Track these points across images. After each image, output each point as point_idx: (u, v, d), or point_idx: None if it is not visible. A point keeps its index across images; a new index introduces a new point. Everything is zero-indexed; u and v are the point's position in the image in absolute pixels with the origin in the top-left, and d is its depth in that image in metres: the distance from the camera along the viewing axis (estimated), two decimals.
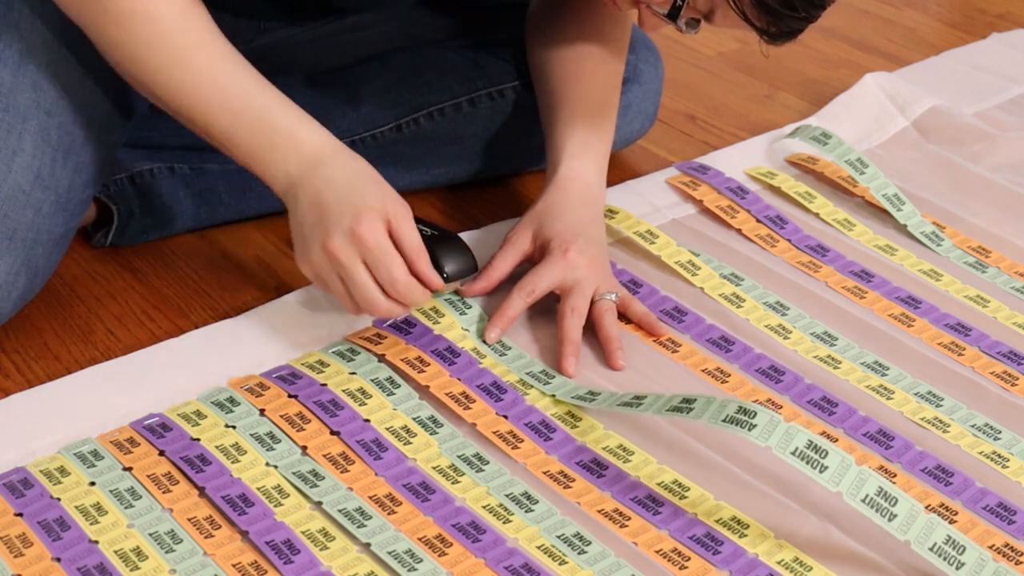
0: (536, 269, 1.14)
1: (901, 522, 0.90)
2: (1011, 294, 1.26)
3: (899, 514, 0.90)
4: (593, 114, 1.24)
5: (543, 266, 1.14)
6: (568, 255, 1.13)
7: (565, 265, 1.13)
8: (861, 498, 0.90)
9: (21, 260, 1.07)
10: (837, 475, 0.90)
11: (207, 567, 0.88)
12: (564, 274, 1.13)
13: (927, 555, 0.90)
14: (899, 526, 0.90)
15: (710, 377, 1.11)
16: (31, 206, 1.07)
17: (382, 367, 1.07)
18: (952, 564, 0.90)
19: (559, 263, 1.13)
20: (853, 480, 0.90)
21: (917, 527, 0.90)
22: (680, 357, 1.13)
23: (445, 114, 1.35)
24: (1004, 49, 1.78)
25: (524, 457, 1.01)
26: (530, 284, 1.13)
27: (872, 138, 1.51)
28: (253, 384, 1.04)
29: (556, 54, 1.27)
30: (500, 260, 1.17)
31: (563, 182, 1.20)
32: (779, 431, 0.92)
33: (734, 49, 1.78)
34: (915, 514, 0.90)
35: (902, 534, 0.90)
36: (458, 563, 0.90)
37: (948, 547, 0.90)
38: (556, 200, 1.18)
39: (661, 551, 0.93)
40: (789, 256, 1.29)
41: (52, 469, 0.95)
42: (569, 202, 1.18)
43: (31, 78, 1.08)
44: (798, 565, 0.93)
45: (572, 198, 1.19)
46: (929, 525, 0.90)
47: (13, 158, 1.06)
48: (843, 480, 0.90)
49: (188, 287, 1.21)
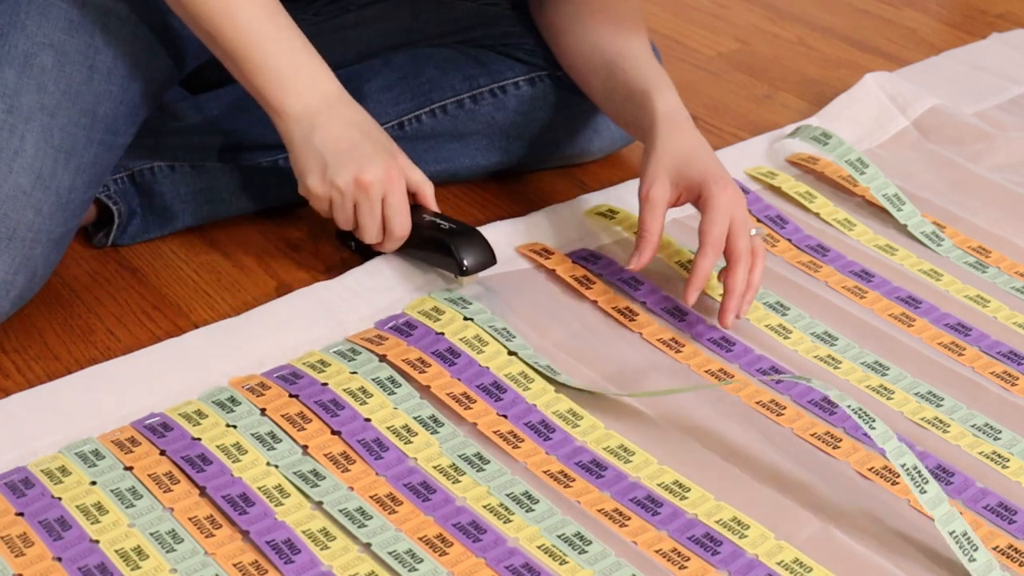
0: (711, 216, 1.12)
1: (930, 499, 0.93)
2: (1011, 294, 1.26)
3: (929, 493, 0.93)
4: (654, 60, 1.25)
5: (714, 210, 1.12)
6: (729, 191, 1.12)
7: (731, 202, 1.12)
8: (900, 464, 0.93)
9: (20, 260, 1.07)
10: (884, 437, 0.94)
11: (208, 567, 0.88)
12: (734, 212, 1.12)
13: (948, 538, 0.92)
14: (929, 500, 0.93)
15: (712, 378, 1.11)
16: (31, 206, 1.07)
17: (383, 367, 1.07)
18: (966, 555, 0.92)
19: (725, 203, 1.12)
20: (895, 448, 0.94)
21: (942, 510, 0.92)
22: (684, 357, 1.13)
23: (448, 111, 1.35)
24: (1004, 49, 1.78)
25: (525, 456, 1.01)
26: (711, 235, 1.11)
27: (872, 138, 1.51)
28: (254, 384, 1.04)
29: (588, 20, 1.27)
30: (651, 220, 1.14)
31: (671, 117, 1.17)
32: (833, 388, 0.96)
33: (734, 49, 1.78)
34: (942, 499, 0.93)
35: (931, 508, 0.92)
36: (459, 563, 0.90)
37: (964, 540, 0.92)
38: (678, 140, 1.16)
39: (661, 551, 0.93)
40: (789, 256, 1.29)
41: (53, 468, 0.95)
42: (689, 137, 1.17)
43: (36, 79, 1.08)
44: (798, 566, 0.93)
45: (687, 132, 1.17)
46: (952, 514, 0.92)
47: (15, 158, 1.06)
48: (887, 443, 0.94)
49: (188, 287, 1.21)
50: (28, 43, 1.08)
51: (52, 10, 1.09)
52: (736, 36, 1.82)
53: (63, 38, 1.09)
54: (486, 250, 1.15)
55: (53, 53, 1.08)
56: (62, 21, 1.09)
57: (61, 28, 1.09)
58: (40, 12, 1.08)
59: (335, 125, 1.12)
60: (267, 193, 1.30)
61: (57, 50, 1.09)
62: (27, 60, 1.07)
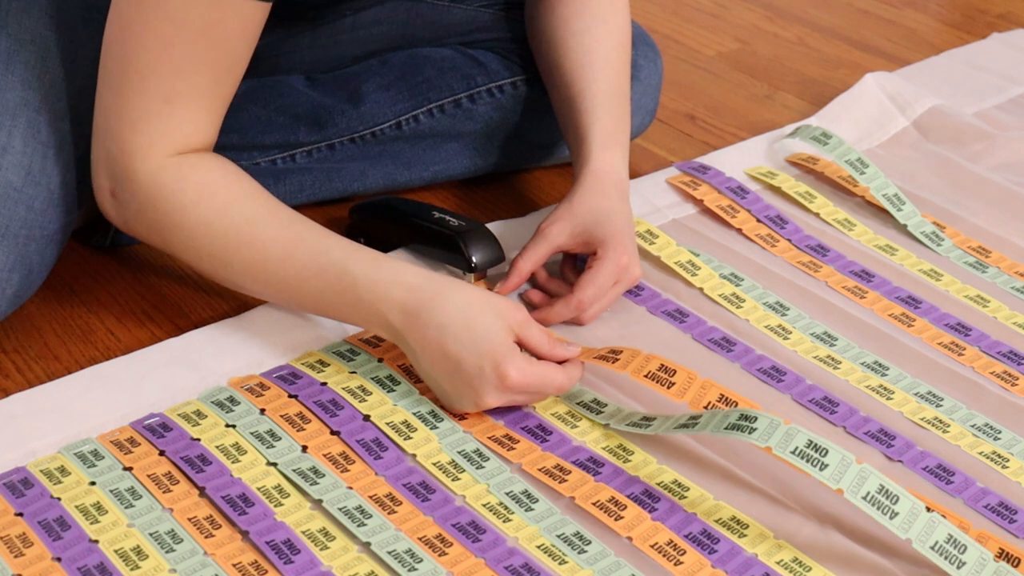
0: (594, 271, 1.13)
1: (902, 520, 0.90)
2: (1011, 294, 1.26)
3: (901, 512, 0.90)
4: (614, 104, 1.24)
5: (599, 269, 1.13)
6: (623, 259, 1.13)
7: (620, 270, 1.14)
8: (863, 495, 0.90)
9: (14, 257, 1.07)
10: (838, 472, 0.90)
11: (207, 567, 0.88)
12: (619, 278, 1.14)
13: (928, 553, 0.90)
14: (900, 524, 0.90)
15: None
16: (23, 202, 1.07)
17: (382, 366, 1.07)
18: (953, 563, 0.90)
19: (613, 268, 1.13)
20: (854, 477, 0.90)
21: (919, 525, 0.90)
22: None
23: (445, 111, 1.35)
24: (1004, 49, 1.78)
25: (519, 457, 1.01)
26: (583, 291, 1.12)
27: (872, 138, 1.51)
28: (253, 384, 1.04)
29: (564, 46, 1.26)
30: (532, 252, 1.16)
31: (598, 175, 1.18)
32: (779, 432, 0.92)
33: (734, 49, 1.78)
34: (916, 512, 0.90)
35: (903, 532, 0.90)
36: (458, 563, 0.90)
37: (949, 546, 0.90)
38: (595, 197, 1.17)
39: (656, 545, 0.93)
40: (789, 256, 1.29)
41: (52, 469, 0.95)
42: (610, 200, 1.17)
43: (20, 75, 1.08)
44: (797, 565, 0.93)
45: (611, 194, 1.18)
46: (931, 524, 0.90)
47: (4, 155, 1.06)
48: (844, 477, 0.90)
49: (188, 287, 1.21)
50: (10, 40, 1.08)
51: (34, 7, 1.09)
52: (736, 36, 1.82)
53: (45, 34, 1.09)
54: (495, 247, 1.16)
55: (36, 49, 1.09)
56: (44, 17, 1.09)
57: (43, 24, 1.09)
58: (22, 9, 1.09)
59: (424, 346, 1.00)
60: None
61: (40, 46, 1.09)
62: (10, 57, 1.08)
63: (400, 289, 1.01)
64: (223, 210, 1.04)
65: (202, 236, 1.04)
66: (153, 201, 1.04)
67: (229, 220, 1.03)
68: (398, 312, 1.00)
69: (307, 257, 1.03)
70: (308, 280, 1.03)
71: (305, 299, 1.05)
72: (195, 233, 1.04)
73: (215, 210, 1.03)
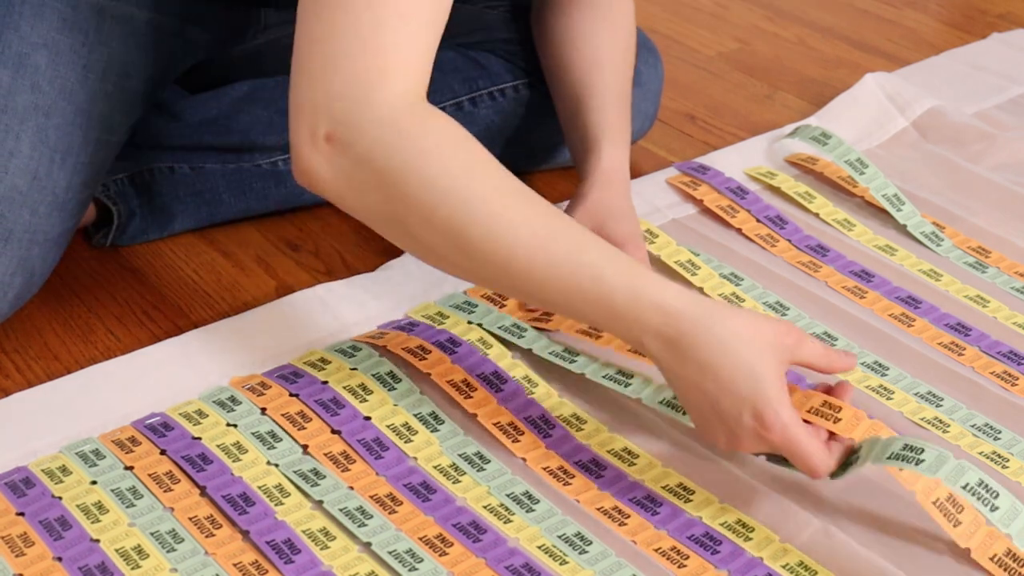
0: None
1: (1003, 514, 0.90)
2: (1011, 294, 1.26)
3: (1002, 507, 0.90)
4: (621, 103, 1.25)
5: None
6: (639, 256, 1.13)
7: None
8: (963, 484, 0.89)
9: (17, 261, 1.07)
10: (1008, 516, 0.90)
11: (208, 566, 0.88)
12: None
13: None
14: (1003, 517, 0.90)
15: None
16: (27, 207, 1.07)
17: (383, 361, 1.07)
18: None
19: None
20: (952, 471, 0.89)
21: (1018, 525, 0.90)
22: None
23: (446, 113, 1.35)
24: (1004, 49, 1.78)
25: (524, 451, 1.01)
26: None
27: (872, 138, 1.51)
28: (255, 383, 1.04)
29: (573, 46, 1.27)
30: None
31: (610, 174, 1.19)
32: (948, 466, 0.90)
33: (734, 49, 1.78)
34: (1017, 511, 0.90)
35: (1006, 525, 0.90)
36: (459, 563, 0.90)
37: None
38: (609, 196, 1.17)
39: (660, 549, 0.93)
40: (789, 256, 1.29)
41: (53, 468, 0.95)
42: (624, 199, 1.18)
43: (30, 79, 1.08)
44: (802, 569, 0.92)
45: (624, 193, 1.18)
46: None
47: (10, 159, 1.06)
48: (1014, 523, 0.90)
49: (188, 287, 1.21)
50: (22, 43, 1.08)
51: (46, 10, 1.09)
52: (736, 36, 1.82)
53: (57, 37, 1.09)
54: None
55: (47, 53, 1.09)
56: (56, 20, 1.09)
57: (55, 28, 1.09)
58: (34, 12, 1.08)
59: (683, 377, 0.92)
60: (267, 196, 1.30)
61: (51, 50, 1.09)
62: (21, 60, 1.08)
63: (659, 315, 0.91)
64: (468, 170, 0.91)
65: (441, 193, 0.89)
66: (389, 139, 0.89)
67: (477, 184, 0.91)
68: (653, 338, 0.91)
69: (562, 252, 0.91)
70: (559, 278, 0.91)
71: (547, 295, 0.93)
72: (434, 186, 0.89)
73: (461, 166, 0.91)
